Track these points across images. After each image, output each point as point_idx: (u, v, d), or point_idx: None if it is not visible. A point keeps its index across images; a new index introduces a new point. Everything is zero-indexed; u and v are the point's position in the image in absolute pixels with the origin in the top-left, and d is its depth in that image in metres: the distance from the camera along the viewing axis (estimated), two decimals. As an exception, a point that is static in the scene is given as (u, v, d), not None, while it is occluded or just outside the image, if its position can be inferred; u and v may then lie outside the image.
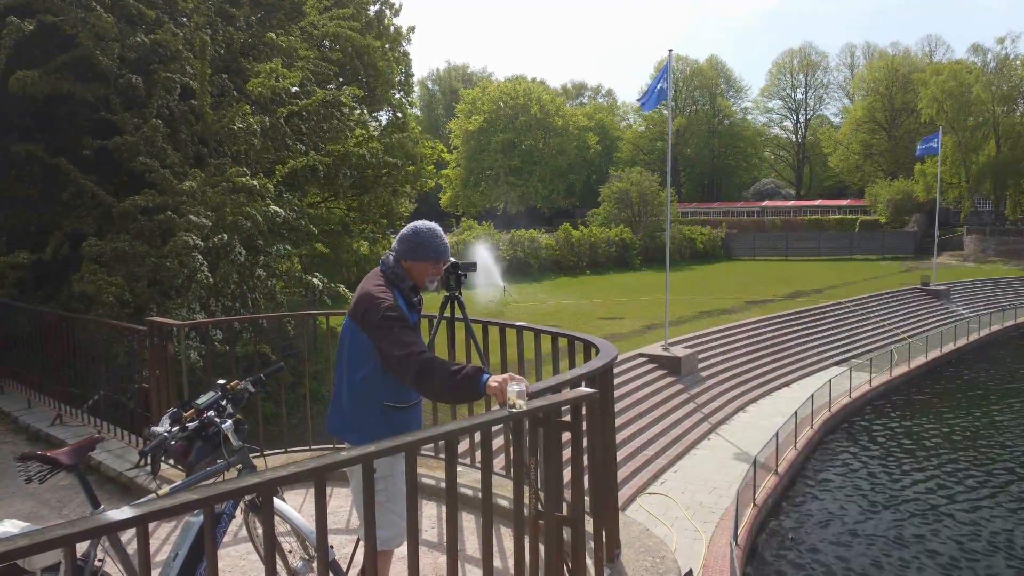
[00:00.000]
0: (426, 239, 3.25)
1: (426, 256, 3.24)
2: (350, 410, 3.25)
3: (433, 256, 3.25)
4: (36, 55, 9.38)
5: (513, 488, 2.79)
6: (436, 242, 3.25)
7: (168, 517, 1.91)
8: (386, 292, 3.11)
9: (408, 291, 3.22)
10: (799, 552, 12.88)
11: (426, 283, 3.29)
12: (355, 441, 3.23)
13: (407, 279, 3.23)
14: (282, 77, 11.36)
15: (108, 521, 1.77)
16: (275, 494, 3.25)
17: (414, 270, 3.25)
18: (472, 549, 4.33)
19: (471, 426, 2.55)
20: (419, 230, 3.27)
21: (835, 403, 20.01)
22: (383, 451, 2.30)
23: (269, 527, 2.13)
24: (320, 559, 2.23)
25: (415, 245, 3.24)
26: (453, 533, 2.57)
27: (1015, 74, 58.35)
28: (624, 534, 4.03)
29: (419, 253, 3.24)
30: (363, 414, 3.21)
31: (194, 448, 3.30)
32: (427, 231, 3.28)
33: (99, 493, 5.82)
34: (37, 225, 10.19)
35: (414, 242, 3.24)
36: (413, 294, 3.26)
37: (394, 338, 2.93)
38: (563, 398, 2.91)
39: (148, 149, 9.71)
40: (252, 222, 10.02)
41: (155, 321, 5.74)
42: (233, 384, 3.46)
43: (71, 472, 2.84)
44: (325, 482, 2.17)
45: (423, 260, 3.24)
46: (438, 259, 3.27)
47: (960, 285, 39.00)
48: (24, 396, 7.91)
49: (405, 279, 3.22)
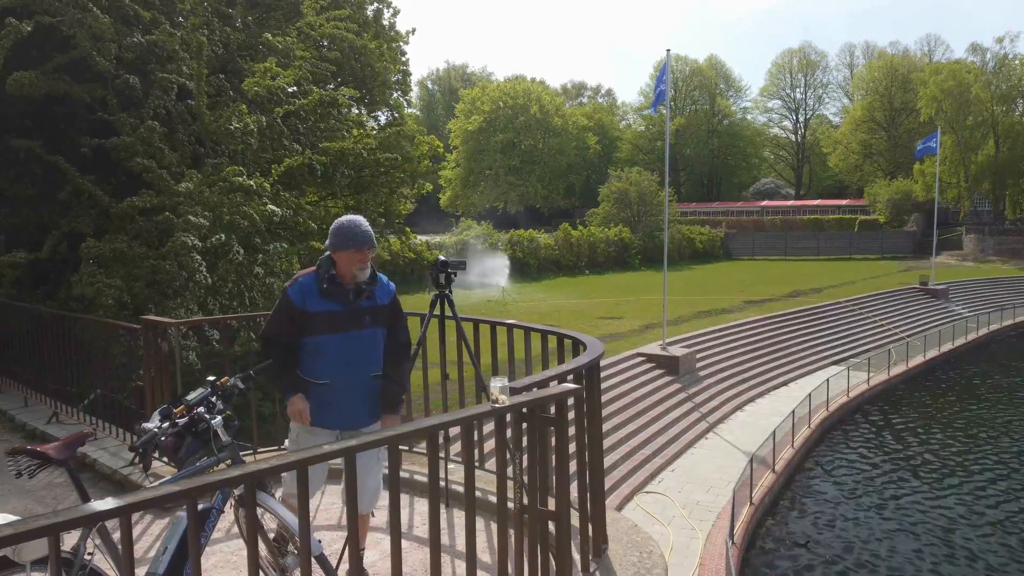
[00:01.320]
0: (343, 229, 3.50)
1: (345, 245, 3.47)
2: None
3: (351, 244, 3.46)
4: (34, 56, 9.42)
5: (497, 482, 2.83)
6: (352, 231, 3.48)
7: (151, 508, 1.94)
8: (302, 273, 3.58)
9: (325, 279, 3.49)
10: (799, 550, 12.92)
11: (354, 271, 3.50)
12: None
13: (331, 269, 3.50)
14: (278, 76, 11.39)
15: (92, 511, 1.81)
16: (264, 489, 3.31)
17: (340, 260, 3.50)
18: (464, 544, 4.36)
19: (453, 420, 2.59)
20: (339, 223, 3.55)
21: (833, 402, 20.03)
22: (365, 444, 2.34)
23: (252, 517, 2.16)
24: (303, 549, 2.27)
25: (335, 237, 3.52)
26: (436, 528, 2.61)
27: (1014, 73, 58.32)
28: (612, 529, 4.07)
29: (339, 243, 3.49)
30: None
31: (184, 444, 3.34)
32: (345, 222, 3.54)
33: (94, 491, 5.88)
34: (35, 224, 10.23)
35: (334, 234, 3.52)
36: (332, 283, 3.50)
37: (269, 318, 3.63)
38: (547, 393, 2.94)
39: (145, 149, 9.75)
40: (249, 221, 10.06)
41: (150, 320, 5.78)
42: (223, 381, 3.50)
43: (61, 467, 2.88)
44: (307, 473, 2.21)
45: (344, 249, 3.48)
46: (359, 246, 3.47)
47: (959, 285, 39.00)
48: (21, 395, 7.96)
49: (329, 269, 3.50)
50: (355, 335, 3.54)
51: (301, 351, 3.56)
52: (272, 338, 3.58)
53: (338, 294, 3.52)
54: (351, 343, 3.54)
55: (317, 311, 3.49)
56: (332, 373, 3.52)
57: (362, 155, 13.45)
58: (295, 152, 12.32)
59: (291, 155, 12.17)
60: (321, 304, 3.50)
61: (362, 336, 3.57)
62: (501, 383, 2.69)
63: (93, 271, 9.05)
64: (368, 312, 3.58)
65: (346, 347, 3.53)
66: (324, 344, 3.51)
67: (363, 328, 3.57)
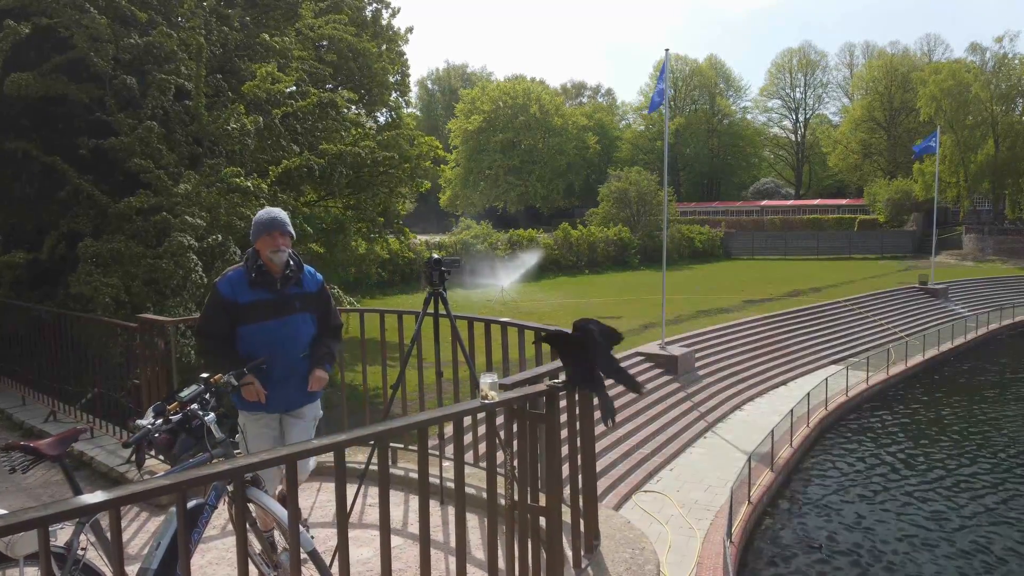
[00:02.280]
0: (258, 219, 3.81)
1: (260, 232, 3.75)
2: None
3: (264, 230, 3.74)
4: (32, 57, 9.45)
5: (486, 478, 2.85)
6: (264, 218, 3.78)
7: (139, 501, 1.96)
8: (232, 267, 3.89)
9: (254, 269, 3.75)
10: (797, 549, 12.94)
11: (269, 255, 3.74)
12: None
13: (257, 259, 3.76)
14: (278, 80, 11.41)
15: (81, 504, 1.84)
16: (257, 484, 3.33)
17: (261, 248, 3.76)
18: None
19: (443, 416, 2.61)
20: (256, 215, 3.87)
21: (832, 401, 20.05)
22: (354, 440, 2.36)
23: (241, 511, 2.18)
24: (292, 544, 2.29)
25: (253, 228, 3.82)
26: (425, 522, 2.63)
27: (1013, 73, 58.32)
28: (605, 526, 4.08)
29: (256, 232, 3.78)
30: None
31: (178, 441, 3.36)
32: (261, 212, 3.86)
33: (90, 488, 5.88)
34: (34, 224, 10.25)
35: (252, 226, 3.84)
36: (259, 273, 3.75)
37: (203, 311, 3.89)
38: (537, 389, 2.96)
39: (143, 150, 9.78)
40: (246, 222, 10.08)
41: (147, 318, 5.80)
42: (217, 378, 3.52)
43: (54, 462, 2.90)
44: (296, 467, 2.22)
45: (260, 236, 3.75)
46: (270, 231, 3.73)
47: (958, 284, 39.01)
48: (19, 393, 7.98)
49: (255, 259, 3.76)
50: (287, 320, 3.79)
51: (238, 341, 3.77)
52: (208, 333, 3.82)
53: (266, 283, 3.77)
54: (283, 328, 3.78)
55: (248, 301, 3.73)
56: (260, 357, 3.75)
57: (360, 155, 13.46)
58: (293, 153, 12.34)
59: (289, 156, 12.19)
60: (251, 294, 3.74)
61: (293, 320, 3.81)
62: (491, 379, 2.71)
63: (91, 270, 9.07)
64: (297, 299, 3.84)
65: (279, 332, 3.76)
66: (258, 331, 3.73)
67: (294, 313, 3.81)
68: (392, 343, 5.46)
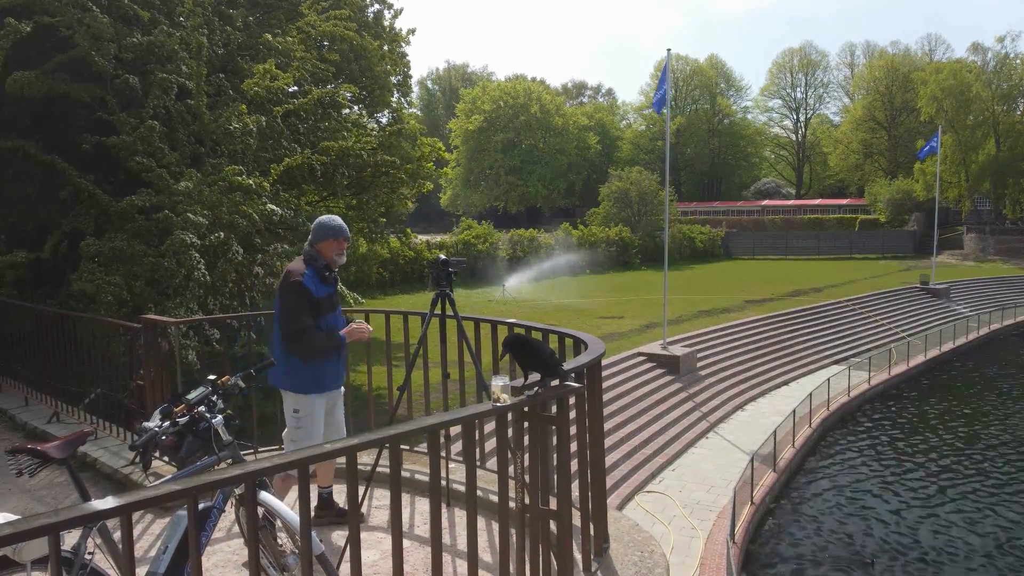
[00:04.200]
0: (326, 223, 4.22)
1: (326, 235, 4.19)
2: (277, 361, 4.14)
3: (331, 234, 4.18)
4: (33, 55, 9.42)
5: (498, 482, 2.82)
6: (330, 224, 4.21)
7: (151, 507, 1.94)
8: (298, 267, 4.14)
9: (321, 268, 4.17)
10: (800, 550, 12.91)
11: (334, 256, 4.21)
12: (277, 384, 4.24)
13: (319, 258, 4.18)
14: (277, 77, 11.37)
15: (92, 510, 1.81)
16: (264, 487, 3.30)
17: (324, 249, 4.19)
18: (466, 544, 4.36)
19: (454, 420, 2.58)
20: (320, 219, 4.28)
21: (834, 401, 20.01)
22: (366, 443, 2.34)
23: (252, 516, 2.16)
24: (303, 549, 2.26)
25: (319, 230, 4.21)
26: (437, 527, 2.60)
27: (1015, 73, 58.27)
28: (613, 529, 4.06)
29: (323, 235, 4.19)
30: (283, 364, 4.13)
31: (185, 443, 3.33)
32: (325, 218, 4.28)
33: (94, 490, 5.86)
34: (36, 224, 10.23)
35: (316, 229, 4.23)
36: (326, 270, 4.20)
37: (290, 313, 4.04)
38: (548, 392, 2.93)
39: (145, 149, 9.75)
40: (248, 221, 10.05)
41: (149, 319, 5.77)
42: (224, 379, 3.49)
43: (61, 465, 2.87)
44: (308, 471, 2.20)
45: (326, 239, 4.19)
46: (336, 236, 4.19)
47: (960, 284, 38.97)
48: (22, 394, 7.94)
49: (318, 258, 4.18)
50: (338, 311, 4.37)
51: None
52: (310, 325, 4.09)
53: (330, 279, 4.27)
54: (337, 319, 4.32)
55: (322, 296, 4.17)
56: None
57: (362, 156, 13.43)
58: (295, 152, 12.30)
59: (291, 155, 12.16)
60: (323, 289, 4.20)
61: (338, 316, 4.36)
62: (503, 382, 2.68)
63: (93, 268, 9.04)
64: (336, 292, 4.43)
65: (337, 321, 4.30)
66: (330, 322, 4.21)
67: (339, 305, 4.45)
68: (396, 343, 5.43)
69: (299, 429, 4.17)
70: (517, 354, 2.95)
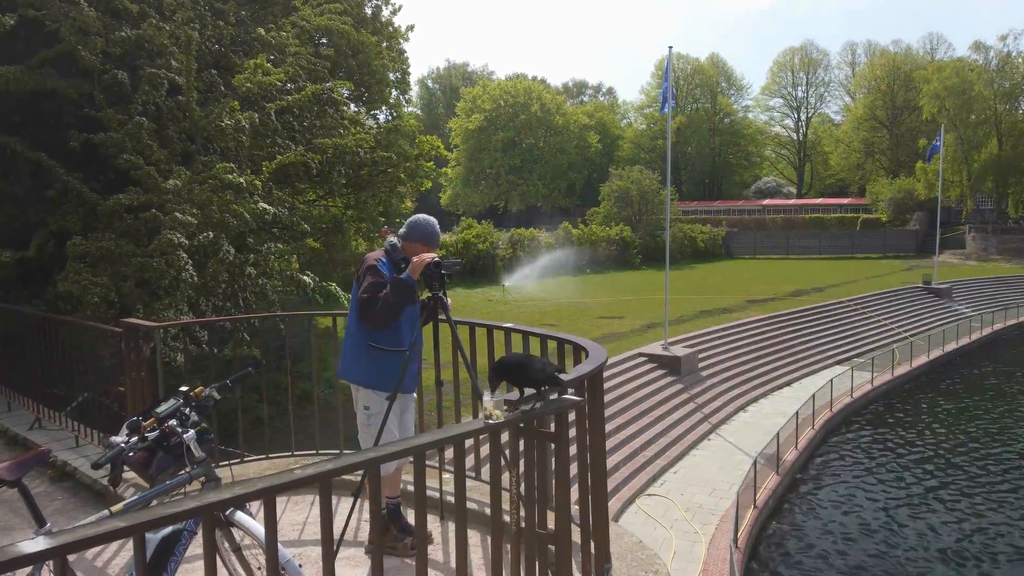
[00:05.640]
0: (420, 225, 4.09)
1: (422, 238, 4.07)
2: (348, 353, 4.09)
3: (425, 240, 4.06)
4: (19, 50, 9.17)
5: (491, 503, 2.58)
6: (428, 229, 4.09)
7: (89, 548, 1.69)
8: (376, 254, 4.05)
9: (399, 262, 3.99)
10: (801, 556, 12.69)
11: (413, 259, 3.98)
12: (348, 377, 4.11)
13: (400, 252, 4.03)
14: (268, 73, 11.11)
15: (19, 554, 1.57)
16: (242, 508, 3.07)
17: (408, 249, 4.05)
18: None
19: (444, 439, 2.35)
20: (418, 218, 4.13)
21: (836, 403, 19.79)
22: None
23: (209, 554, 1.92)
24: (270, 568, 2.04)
25: (411, 229, 4.09)
26: (424, 544, 2.37)
27: (1017, 71, 58.04)
28: (616, 547, 3.83)
29: (413, 235, 4.08)
30: (355, 355, 4.05)
31: (155, 459, 3.10)
32: (423, 220, 4.13)
33: (75, 500, 5.63)
34: (22, 223, 9.97)
35: (412, 227, 4.10)
36: (403, 263, 3.99)
37: (367, 285, 3.88)
38: (546, 407, 2.70)
39: (133, 146, 9.50)
40: (239, 220, 9.79)
41: (131, 322, 5.54)
42: (197, 391, 3.26)
43: (12, 488, 2.63)
44: (275, 501, 1.96)
45: (415, 241, 4.06)
46: (427, 242, 4.06)
47: (962, 284, 38.76)
48: (4, 399, 7.70)
49: (399, 252, 4.03)
50: (415, 308, 4.12)
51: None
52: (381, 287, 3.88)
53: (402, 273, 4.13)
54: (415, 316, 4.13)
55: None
56: (410, 339, 4.08)
57: (359, 154, 13.18)
58: (289, 149, 12.05)
59: (284, 152, 11.90)
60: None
61: (416, 310, 4.14)
62: (496, 397, 2.44)
63: (79, 268, 8.80)
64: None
65: (415, 315, 4.12)
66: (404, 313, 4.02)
67: (417, 303, 4.12)
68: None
69: (368, 427, 4.09)
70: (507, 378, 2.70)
